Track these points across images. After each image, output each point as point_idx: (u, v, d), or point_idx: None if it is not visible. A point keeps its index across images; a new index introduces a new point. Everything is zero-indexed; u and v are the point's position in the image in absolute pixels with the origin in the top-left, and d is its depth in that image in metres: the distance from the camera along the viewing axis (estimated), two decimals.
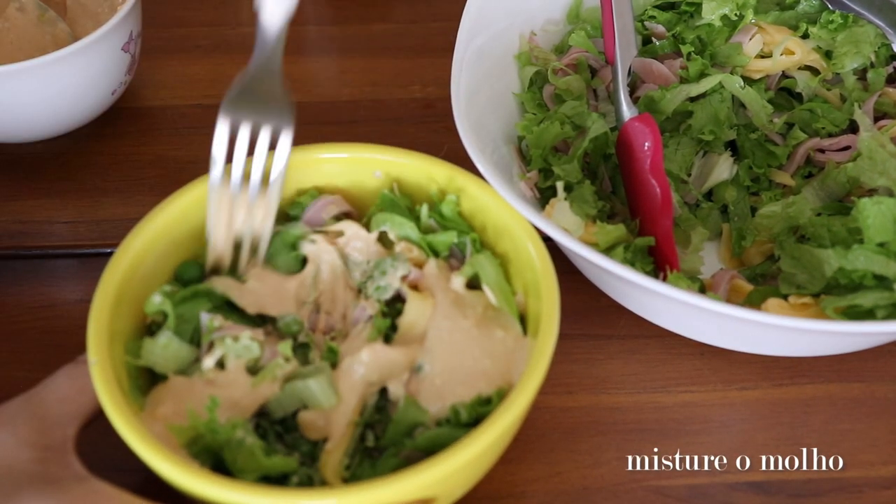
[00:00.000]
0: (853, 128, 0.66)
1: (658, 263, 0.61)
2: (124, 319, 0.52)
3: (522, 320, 0.55)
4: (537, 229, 0.54)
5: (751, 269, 0.63)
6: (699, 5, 0.70)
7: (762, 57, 0.69)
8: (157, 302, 0.53)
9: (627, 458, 0.57)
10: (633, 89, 0.69)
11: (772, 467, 0.57)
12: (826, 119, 0.66)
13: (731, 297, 0.60)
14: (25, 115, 0.68)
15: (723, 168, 0.66)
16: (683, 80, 0.67)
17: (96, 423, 0.51)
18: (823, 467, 0.57)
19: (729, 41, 0.69)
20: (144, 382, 0.53)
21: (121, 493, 0.48)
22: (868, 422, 0.59)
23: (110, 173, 0.72)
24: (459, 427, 0.50)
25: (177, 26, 0.83)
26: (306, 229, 0.57)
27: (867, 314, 0.54)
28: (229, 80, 0.78)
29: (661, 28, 0.71)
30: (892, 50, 0.69)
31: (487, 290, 0.55)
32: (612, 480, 0.56)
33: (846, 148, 0.65)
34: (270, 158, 0.55)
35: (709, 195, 0.66)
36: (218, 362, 0.52)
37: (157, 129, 0.75)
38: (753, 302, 0.59)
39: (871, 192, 0.62)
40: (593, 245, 0.58)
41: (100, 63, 0.68)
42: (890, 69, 0.69)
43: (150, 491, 0.49)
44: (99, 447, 0.51)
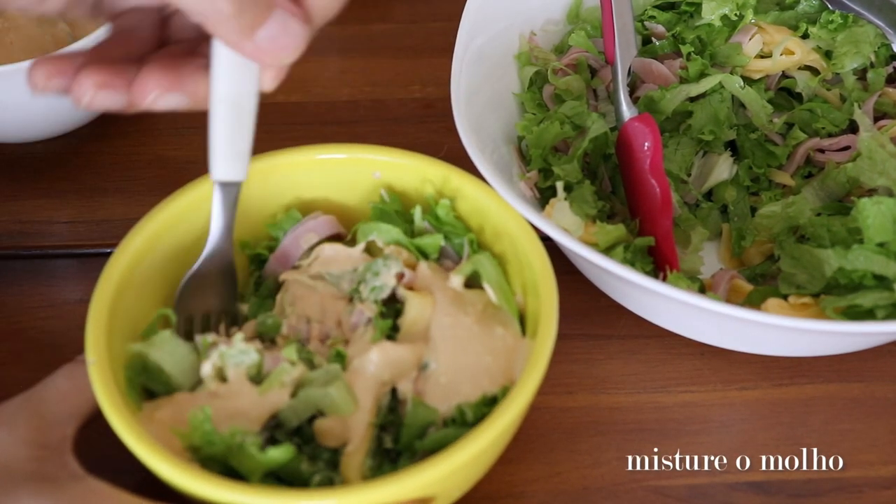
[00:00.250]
0: (853, 128, 0.66)
1: (658, 263, 0.61)
2: (123, 320, 0.52)
3: (522, 320, 0.55)
4: (537, 229, 0.54)
5: (751, 269, 0.63)
6: (699, 5, 0.70)
7: (762, 57, 0.68)
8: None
9: (627, 458, 0.57)
10: (632, 89, 0.69)
11: (772, 467, 0.57)
12: (826, 119, 0.66)
13: (731, 297, 0.60)
14: (25, 115, 0.68)
15: (723, 168, 0.66)
16: (683, 80, 0.67)
17: (94, 423, 0.51)
18: (823, 467, 0.57)
19: (729, 41, 0.69)
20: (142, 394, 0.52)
21: (118, 493, 0.48)
22: (868, 422, 0.59)
23: (110, 173, 0.72)
24: (465, 426, 0.50)
25: None
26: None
27: (867, 314, 0.54)
28: None
29: (661, 28, 0.71)
30: (892, 50, 0.69)
31: (488, 288, 0.54)
32: (612, 480, 0.56)
33: (846, 148, 0.65)
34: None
35: (709, 195, 0.66)
36: (220, 375, 0.51)
37: (157, 129, 0.75)
38: (753, 302, 0.59)
39: (871, 192, 0.62)
40: (593, 245, 0.58)
41: None
42: (890, 69, 0.69)
43: (147, 491, 0.49)
44: (97, 447, 0.51)
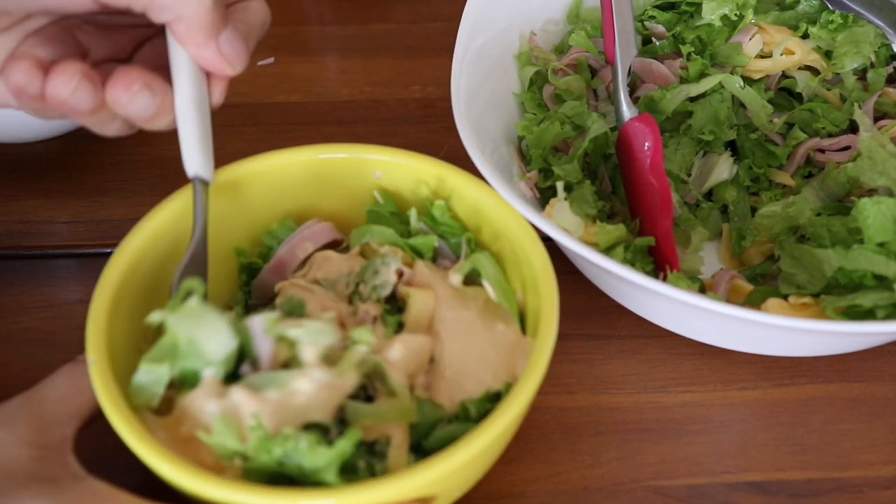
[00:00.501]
0: (853, 128, 0.66)
1: (658, 263, 0.61)
2: (123, 320, 0.52)
3: (522, 320, 0.55)
4: (537, 229, 0.54)
5: (751, 269, 0.63)
6: (699, 5, 0.70)
7: (762, 57, 0.68)
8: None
9: (627, 459, 0.57)
10: (633, 89, 0.69)
11: (772, 467, 0.57)
12: (826, 119, 0.66)
13: (731, 297, 0.60)
14: (25, 115, 0.68)
15: (723, 168, 0.66)
16: (683, 80, 0.67)
17: (95, 423, 0.51)
18: (823, 467, 0.57)
19: (729, 41, 0.69)
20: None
21: (119, 493, 0.47)
22: (868, 422, 0.59)
23: (110, 173, 0.72)
24: (469, 422, 0.50)
25: None
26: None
27: (867, 314, 0.54)
28: (229, 80, 0.78)
29: (661, 28, 0.71)
30: (892, 50, 0.69)
31: (488, 286, 0.55)
32: (612, 480, 0.56)
33: (846, 148, 0.65)
34: None
35: (709, 195, 0.66)
36: (292, 360, 0.49)
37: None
38: (753, 302, 0.59)
39: (871, 192, 0.62)
40: (593, 245, 0.58)
41: None
42: (890, 69, 0.69)
43: (148, 491, 0.49)
44: (97, 447, 0.51)
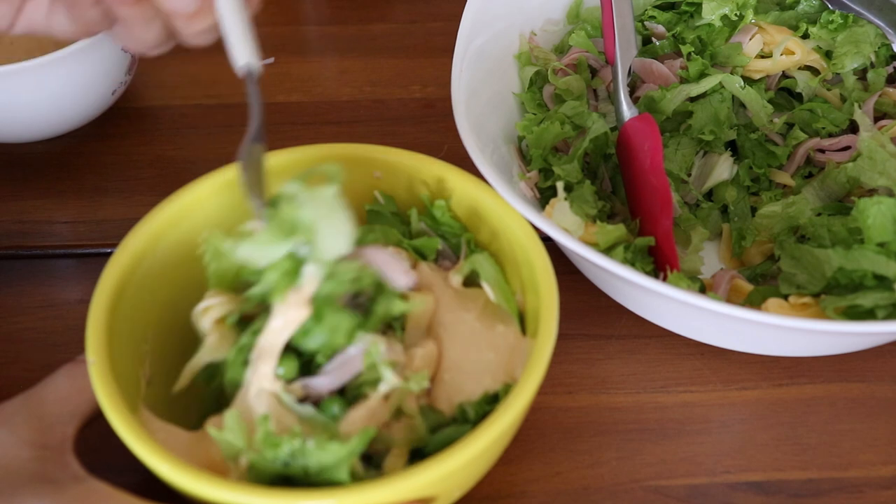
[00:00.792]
0: (853, 128, 0.66)
1: (658, 263, 0.61)
2: (123, 320, 0.52)
3: (521, 320, 0.55)
4: (537, 229, 0.54)
5: (751, 269, 0.63)
6: (699, 5, 0.70)
7: (762, 57, 0.69)
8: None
9: (627, 459, 0.57)
10: (633, 89, 0.69)
11: (772, 467, 0.57)
12: (826, 119, 0.66)
13: (731, 297, 0.60)
14: (25, 115, 0.68)
15: (723, 168, 0.66)
16: (683, 80, 0.67)
17: (95, 423, 0.51)
18: (823, 467, 0.57)
19: (729, 41, 0.69)
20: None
21: (119, 493, 0.48)
22: (868, 422, 0.59)
23: (110, 173, 0.72)
24: (467, 424, 0.50)
25: None
26: None
27: (867, 314, 0.54)
28: (229, 79, 0.78)
29: (661, 28, 0.71)
30: (892, 50, 0.69)
31: (487, 287, 0.55)
32: (612, 480, 0.56)
33: (846, 148, 0.65)
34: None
35: (709, 195, 0.66)
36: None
37: (157, 129, 0.75)
38: (753, 302, 0.59)
39: (871, 192, 0.62)
40: (593, 245, 0.58)
41: (100, 63, 0.68)
42: (890, 69, 0.69)
43: (148, 491, 0.49)
44: (97, 447, 0.51)
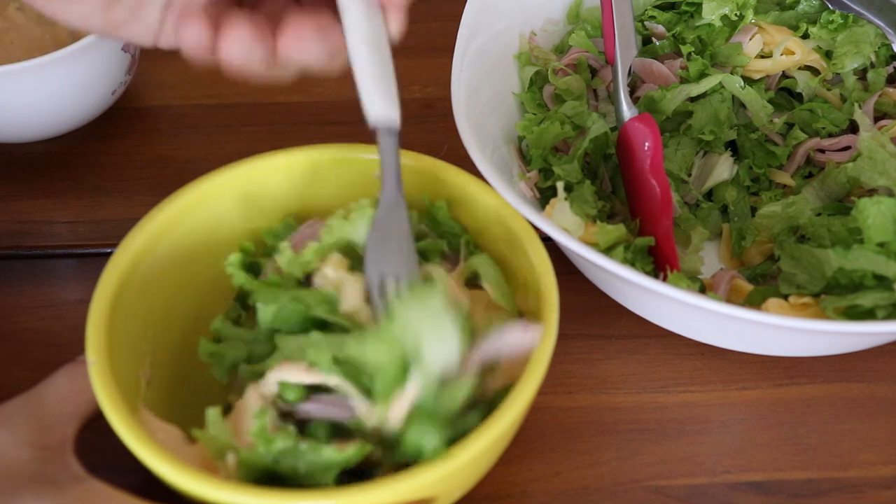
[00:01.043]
0: (853, 128, 0.66)
1: (658, 263, 0.61)
2: (123, 320, 0.52)
3: None
4: (537, 229, 0.54)
5: (751, 269, 0.63)
6: (699, 5, 0.70)
7: (762, 57, 0.68)
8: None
9: (627, 459, 0.57)
10: (633, 89, 0.69)
11: (772, 467, 0.57)
12: (826, 119, 0.66)
13: (731, 297, 0.60)
14: (25, 115, 0.68)
15: (723, 168, 0.66)
16: (683, 80, 0.67)
17: (95, 423, 0.51)
18: (823, 467, 0.57)
19: (729, 41, 0.69)
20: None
21: (119, 494, 0.48)
22: (868, 422, 0.59)
23: (110, 173, 0.72)
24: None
25: None
26: None
27: (867, 314, 0.54)
28: (230, 79, 0.78)
29: (661, 28, 0.71)
30: (892, 50, 0.69)
31: (488, 287, 0.54)
32: (612, 480, 0.56)
33: (846, 148, 0.65)
34: None
35: (709, 195, 0.66)
36: None
37: (157, 129, 0.75)
38: (753, 302, 0.59)
39: (871, 192, 0.62)
40: (593, 245, 0.58)
41: (100, 63, 0.68)
42: (890, 69, 0.69)
43: (148, 491, 0.49)
44: (97, 447, 0.51)
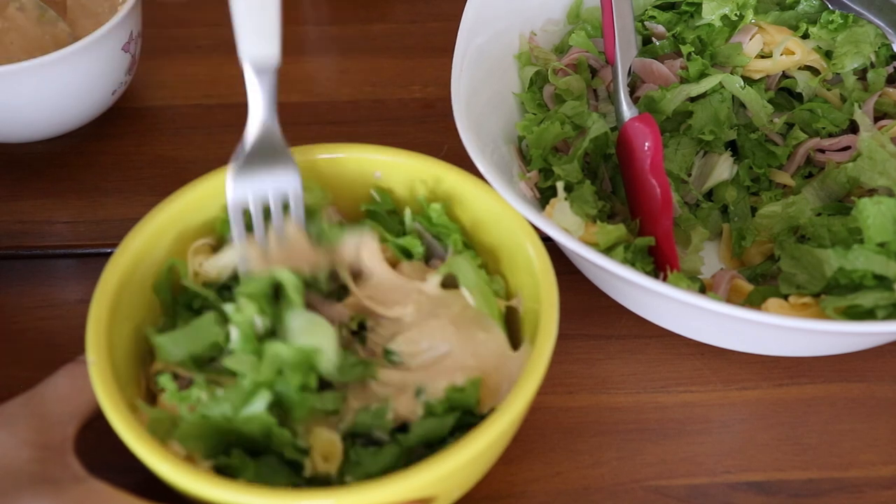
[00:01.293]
0: (853, 128, 0.66)
1: (658, 263, 0.61)
2: (123, 320, 0.52)
3: (520, 321, 0.55)
4: (537, 229, 0.54)
5: (751, 269, 0.63)
6: (699, 5, 0.70)
7: (762, 57, 0.69)
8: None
9: (627, 459, 0.57)
10: (633, 89, 0.69)
11: (772, 467, 0.57)
12: (826, 119, 0.66)
13: (731, 297, 0.60)
14: (25, 115, 0.68)
15: (723, 168, 0.66)
16: (683, 80, 0.67)
17: (95, 423, 0.51)
18: (824, 467, 0.57)
19: (729, 41, 0.69)
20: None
21: (119, 494, 0.47)
22: (868, 422, 0.59)
23: (110, 173, 0.72)
24: (435, 417, 0.50)
25: (177, 26, 0.83)
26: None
27: (867, 314, 0.54)
28: (229, 79, 0.79)
29: (661, 28, 0.71)
30: (892, 50, 0.69)
31: (466, 292, 0.54)
32: (612, 480, 0.56)
33: (846, 148, 0.65)
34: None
35: (709, 195, 0.66)
36: None
37: (157, 129, 0.75)
38: (753, 302, 0.59)
39: (871, 192, 0.62)
40: (593, 245, 0.58)
41: (100, 63, 0.68)
42: (890, 69, 0.69)
43: (148, 491, 0.49)
44: (97, 447, 0.51)
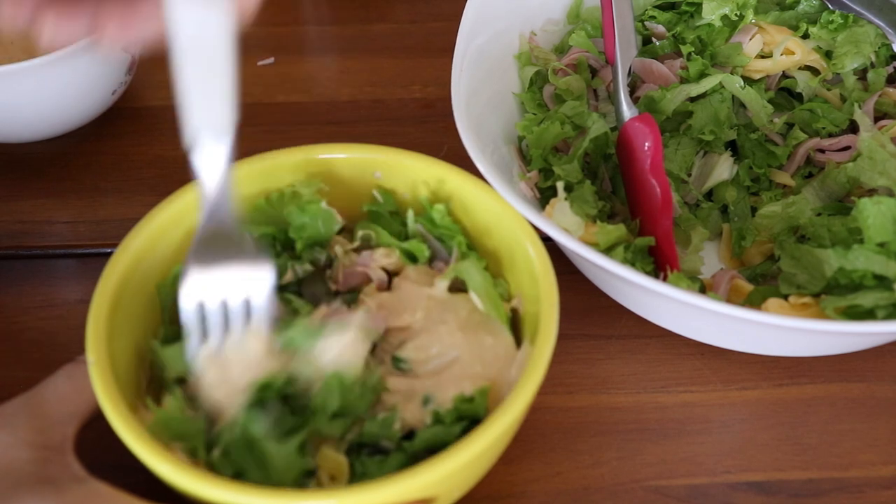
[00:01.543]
0: (853, 128, 0.66)
1: (658, 263, 0.61)
2: (123, 320, 0.52)
3: (520, 321, 0.55)
4: (537, 229, 0.54)
5: (751, 269, 0.63)
6: (699, 5, 0.70)
7: (762, 57, 0.69)
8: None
9: (627, 459, 0.57)
10: (633, 89, 0.69)
11: (772, 467, 0.57)
12: (826, 119, 0.66)
13: (731, 297, 0.60)
14: (25, 115, 0.68)
15: (723, 168, 0.66)
16: (683, 80, 0.67)
17: (95, 423, 0.51)
18: (824, 467, 0.57)
19: (729, 41, 0.69)
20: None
21: (119, 494, 0.47)
22: (868, 422, 0.59)
23: (110, 173, 0.72)
24: (442, 425, 0.50)
25: None
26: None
27: (867, 314, 0.54)
28: None
29: (661, 28, 0.71)
30: (892, 50, 0.69)
31: (474, 296, 0.54)
32: (612, 480, 0.56)
33: (846, 148, 0.65)
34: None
35: (709, 195, 0.66)
36: None
37: (157, 129, 0.75)
38: (753, 302, 0.59)
39: (871, 192, 0.62)
40: (593, 245, 0.58)
41: (100, 63, 0.68)
42: (890, 69, 0.69)
43: (148, 491, 0.49)
44: (98, 447, 0.51)
